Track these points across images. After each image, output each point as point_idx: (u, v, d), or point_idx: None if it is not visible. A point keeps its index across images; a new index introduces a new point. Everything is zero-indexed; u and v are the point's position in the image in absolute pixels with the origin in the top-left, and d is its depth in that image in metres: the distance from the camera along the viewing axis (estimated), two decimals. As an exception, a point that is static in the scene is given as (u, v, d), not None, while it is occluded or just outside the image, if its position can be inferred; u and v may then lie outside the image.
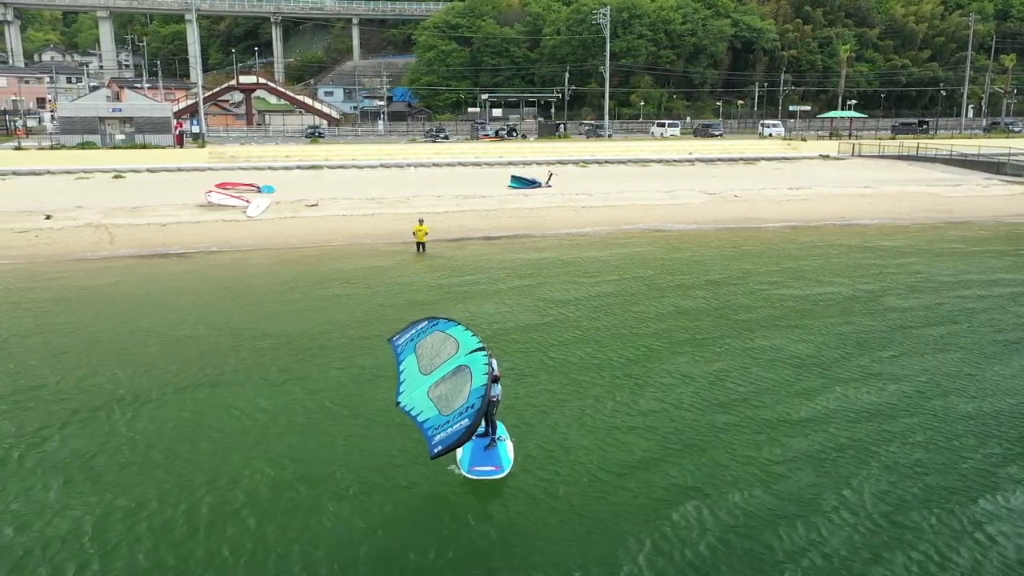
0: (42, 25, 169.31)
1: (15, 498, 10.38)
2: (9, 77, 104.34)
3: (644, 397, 13.99)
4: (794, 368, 15.52)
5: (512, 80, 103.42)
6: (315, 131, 78.77)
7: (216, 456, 11.59)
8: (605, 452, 11.81)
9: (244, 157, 56.80)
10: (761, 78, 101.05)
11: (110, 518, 9.91)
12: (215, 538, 9.54)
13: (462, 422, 9.58)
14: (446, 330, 11.13)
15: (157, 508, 10.13)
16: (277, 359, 15.88)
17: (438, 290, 22.14)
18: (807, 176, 49.12)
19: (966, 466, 11.45)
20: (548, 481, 10.91)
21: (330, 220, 32.65)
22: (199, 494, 10.47)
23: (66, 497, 10.41)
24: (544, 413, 13.18)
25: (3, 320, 18.94)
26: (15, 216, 31.59)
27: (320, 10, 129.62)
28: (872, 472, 11.26)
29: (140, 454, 11.64)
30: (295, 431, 12.49)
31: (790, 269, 25.26)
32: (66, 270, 24.71)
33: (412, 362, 11.09)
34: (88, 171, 46.60)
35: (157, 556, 9.17)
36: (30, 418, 12.88)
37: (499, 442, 11.22)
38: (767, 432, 12.50)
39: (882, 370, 15.47)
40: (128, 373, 15.04)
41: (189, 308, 20.09)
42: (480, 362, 10.21)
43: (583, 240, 30.60)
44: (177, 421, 12.82)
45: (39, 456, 11.56)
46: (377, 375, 14.62)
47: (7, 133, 70.53)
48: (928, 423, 12.94)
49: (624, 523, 9.94)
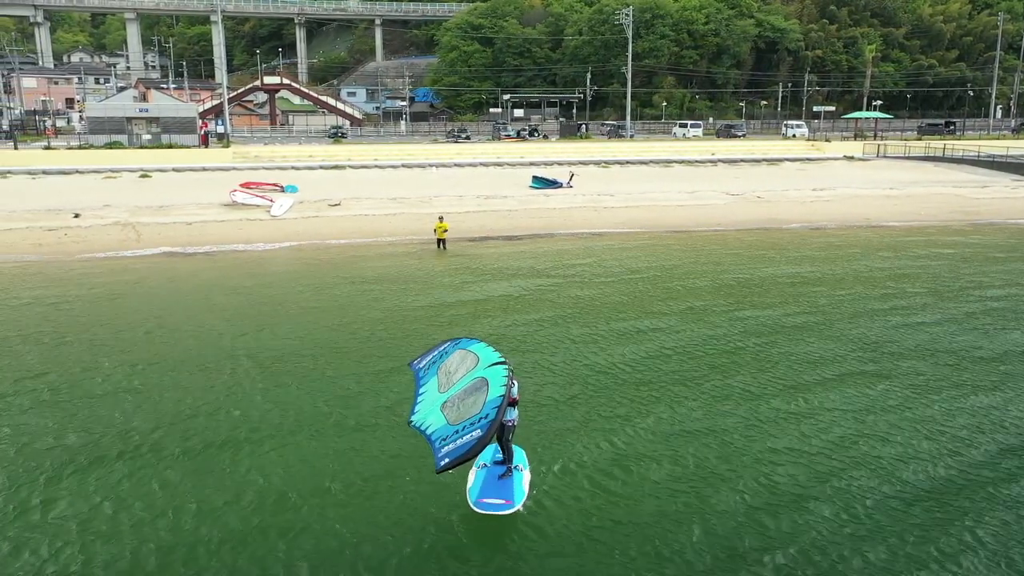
0: (71, 27, 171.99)
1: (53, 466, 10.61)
2: (39, 78, 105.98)
3: (672, 411, 13.24)
4: (844, 389, 14.37)
5: (534, 81, 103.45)
6: (338, 131, 79.28)
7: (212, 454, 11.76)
8: (627, 479, 11.03)
9: (268, 157, 57.31)
10: (785, 78, 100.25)
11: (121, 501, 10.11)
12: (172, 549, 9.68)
13: (473, 433, 8.66)
14: (468, 347, 10.45)
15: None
16: (293, 357, 16.05)
17: (458, 288, 22.23)
18: (831, 177, 48.71)
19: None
20: (564, 516, 10.09)
21: (353, 219, 32.89)
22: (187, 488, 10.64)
23: (94, 487, 10.63)
24: (561, 433, 12.40)
25: (35, 314, 19.28)
26: (45, 214, 32.14)
27: (343, 11, 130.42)
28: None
29: (154, 438, 11.85)
30: (293, 434, 12.57)
31: (813, 273, 25.08)
32: (95, 267, 25.10)
33: (433, 384, 10.32)
34: (115, 170, 47.27)
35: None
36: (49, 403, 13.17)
37: (516, 472, 10.39)
38: (810, 465, 11.43)
39: (896, 374, 15.33)
40: (146, 365, 15.28)
41: (213, 305, 20.37)
42: (499, 374, 9.43)
43: (604, 241, 30.58)
44: (196, 411, 13.01)
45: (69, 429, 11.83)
46: (389, 380, 14.68)
47: (36, 133, 71.67)
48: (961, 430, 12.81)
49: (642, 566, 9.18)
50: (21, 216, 31.70)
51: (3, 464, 11.29)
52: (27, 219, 31.17)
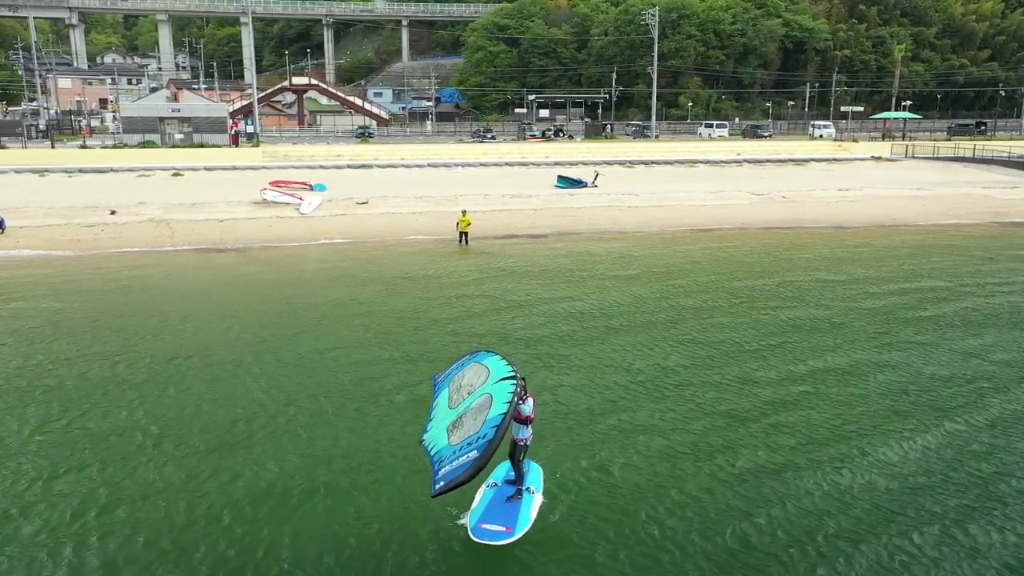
0: (104, 28, 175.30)
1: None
2: (74, 79, 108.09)
3: (699, 417, 12.89)
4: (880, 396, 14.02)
5: (559, 81, 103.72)
6: (365, 131, 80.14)
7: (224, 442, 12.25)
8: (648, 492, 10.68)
9: (296, 156, 58.19)
10: (812, 78, 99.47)
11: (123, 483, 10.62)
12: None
13: (470, 454, 8.14)
14: (482, 360, 9.85)
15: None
16: (314, 348, 16.54)
17: (481, 284, 22.61)
18: (858, 177, 48.49)
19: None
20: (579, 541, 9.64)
21: (380, 217, 33.45)
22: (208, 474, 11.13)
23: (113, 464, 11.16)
24: (579, 444, 12.07)
25: (78, 306, 19.97)
26: (82, 211, 33.06)
27: (371, 12, 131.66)
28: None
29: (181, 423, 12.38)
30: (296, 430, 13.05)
31: (836, 273, 25.13)
32: (132, 262, 25.82)
33: (444, 397, 9.87)
34: (149, 169, 48.33)
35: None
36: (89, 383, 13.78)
37: (526, 494, 9.88)
38: (846, 481, 10.99)
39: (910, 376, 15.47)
40: (177, 354, 15.85)
41: (244, 299, 20.99)
42: (505, 390, 8.80)
43: (627, 239, 30.80)
44: (223, 396, 13.54)
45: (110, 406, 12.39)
46: (411, 374, 15.11)
47: (72, 132, 73.29)
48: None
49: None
50: (60, 213, 32.64)
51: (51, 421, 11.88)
52: (65, 216, 32.10)
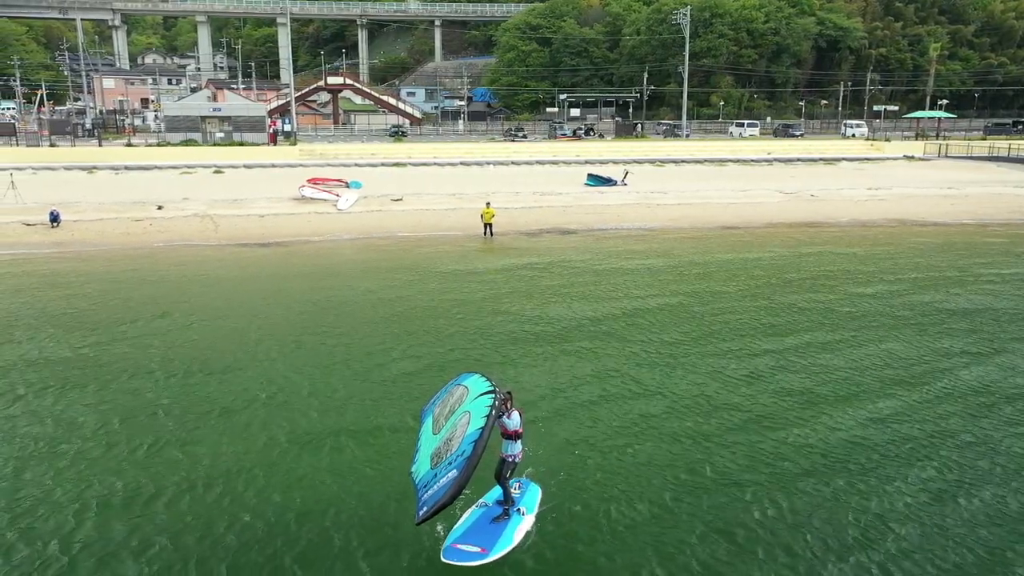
0: (144, 29, 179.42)
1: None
2: (117, 79, 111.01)
3: (724, 432, 12.50)
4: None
5: (591, 80, 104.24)
6: (398, 130, 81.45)
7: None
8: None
9: (332, 154, 59.57)
10: (846, 77, 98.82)
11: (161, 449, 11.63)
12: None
13: (450, 474, 7.94)
14: (463, 382, 9.62)
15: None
16: (351, 334, 17.54)
17: (509, 277, 23.49)
18: (889, 177, 48.52)
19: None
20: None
21: (414, 214, 34.46)
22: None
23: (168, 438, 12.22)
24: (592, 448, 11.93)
25: (141, 294, 21.23)
26: (131, 207, 34.53)
27: (404, 12, 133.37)
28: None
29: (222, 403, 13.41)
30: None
31: (859, 270, 25.58)
32: (182, 254, 27.13)
33: (428, 425, 9.63)
34: (191, 166, 49.96)
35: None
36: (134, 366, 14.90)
37: (515, 515, 9.48)
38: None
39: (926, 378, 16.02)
40: (227, 338, 16.96)
41: (286, 289, 22.09)
42: (482, 405, 8.57)
43: (654, 236, 31.45)
44: (270, 384, 14.56)
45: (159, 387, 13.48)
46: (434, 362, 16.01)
47: (116, 131, 75.54)
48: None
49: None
50: (110, 208, 34.14)
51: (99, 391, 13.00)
52: (116, 210, 33.58)
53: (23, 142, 60.01)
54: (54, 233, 29.63)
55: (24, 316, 19.09)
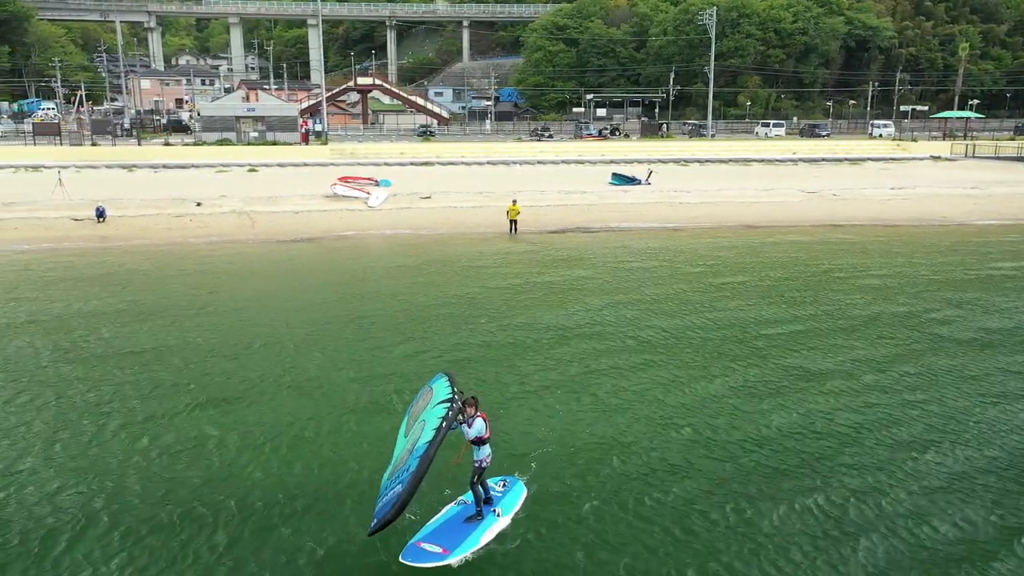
0: (177, 31, 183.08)
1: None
2: (152, 80, 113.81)
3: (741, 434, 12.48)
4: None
5: (617, 80, 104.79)
6: (426, 130, 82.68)
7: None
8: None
9: (362, 154, 60.86)
10: (875, 77, 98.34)
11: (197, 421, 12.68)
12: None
13: (395, 488, 7.97)
14: (432, 384, 9.65)
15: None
16: (382, 322, 18.57)
17: (534, 272, 24.41)
18: (913, 177, 48.67)
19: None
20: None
21: (442, 211, 35.49)
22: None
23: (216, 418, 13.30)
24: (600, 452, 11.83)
25: (188, 283, 22.49)
26: (171, 203, 35.94)
27: (432, 13, 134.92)
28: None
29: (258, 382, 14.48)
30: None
31: (876, 267, 26.13)
32: (224, 249, 28.40)
33: (403, 428, 9.73)
34: (226, 165, 51.45)
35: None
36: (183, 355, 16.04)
37: (489, 515, 9.43)
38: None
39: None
40: (269, 325, 18.08)
41: (320, 282, 23.28)
42: (435, 415, 8.51)
43: (675, 234, 32.16)
44: (300, 369, 15.62)
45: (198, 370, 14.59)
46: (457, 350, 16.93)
47: (153, 131, 77.64)
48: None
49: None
50: (151, 204, 35.58)
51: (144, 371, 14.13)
52: (157, 207, 35.01)
53: (66, 141, 62.03)
54: (100, 228, 31.08)
55: (78, 305, 20.39)
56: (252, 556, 9.21)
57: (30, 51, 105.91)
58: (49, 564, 9.09)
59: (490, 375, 15.06)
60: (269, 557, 9.18)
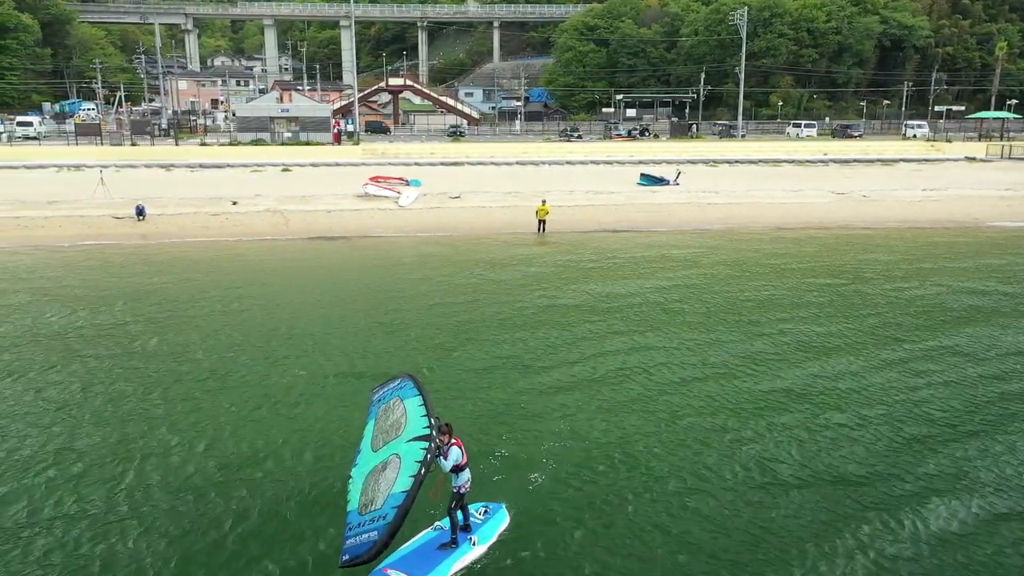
0: (213, 32, 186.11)
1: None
2: (189, 80, 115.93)
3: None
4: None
5: (648, 80, 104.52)
6: (456, 130, 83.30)
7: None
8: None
9: (393, 154, 61.69)
10: (911, 77, 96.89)
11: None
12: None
13: (370, 534, 7.76)
14: (406, 400, 9.19)
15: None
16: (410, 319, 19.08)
17: (562, 269, 24.80)
18: (946, 178, 48.16)
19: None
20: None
21: (471, 211, 36.00)
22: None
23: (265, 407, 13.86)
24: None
25: (232, 280, 23.25)
26: (207, 202, 36.89)
27: (463, 14, 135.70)
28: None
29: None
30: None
31: (898, 269, 26.10)
32: (260, 247, 29.25)
33: (371, 429, 9.36)
34: (260, 165, 52.49)
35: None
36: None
37: (464, 543, 9.16)
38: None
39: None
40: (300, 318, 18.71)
41: (350, 279, 23.94)
42: (413, 456, 8.13)
43: (702, 235, 32.33)
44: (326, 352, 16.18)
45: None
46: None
47: (189, 131, 79.23)
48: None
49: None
50: (189, 203, 36.56)
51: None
52: (194, 206, 35.97)
53: (107, 141, 63.67)
54: (140, 226, 32.06)
55: (119, 300, 21.19)
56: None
57: (71, 53, 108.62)
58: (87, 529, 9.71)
59: (512, 382, 15.00)
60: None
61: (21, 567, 9.19)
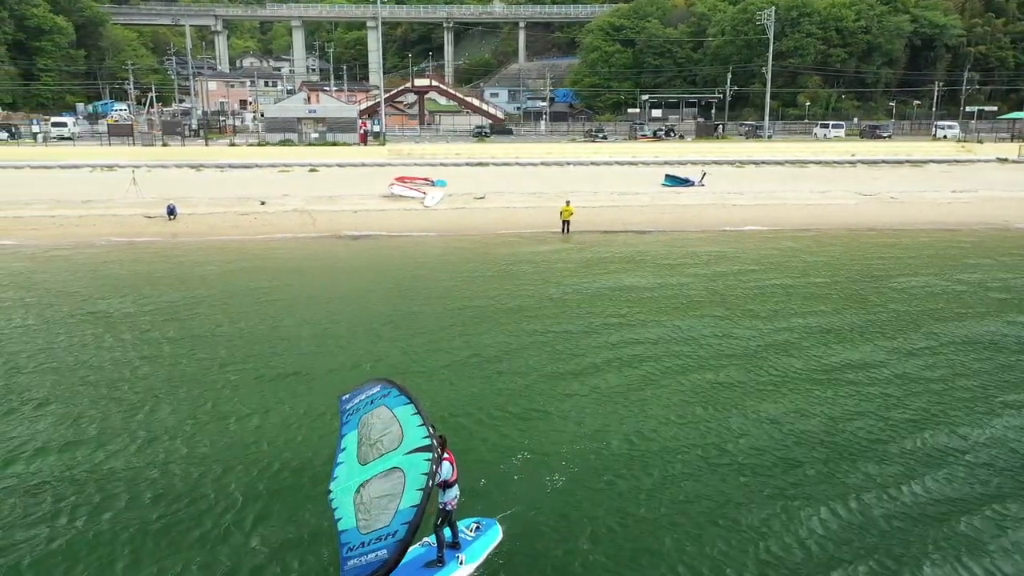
0: (242, 34, 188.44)
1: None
2: (219, 81, 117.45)
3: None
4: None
5: (674, 81, 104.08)
6: (482, 131, 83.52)
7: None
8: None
9: (419, 154, 62.04)
10: (942, 77, 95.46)
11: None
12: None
13: (379, 552, 7.43)
14: (394, 408, 8.71)
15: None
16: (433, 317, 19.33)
17: (583, 270, 24.93)
18: (976, 179, 47.53)
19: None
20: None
21: (496, 211, 36.25)
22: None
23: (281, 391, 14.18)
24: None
25: (262, 277, 23.71)
26: (237, 202, 37.51)
27: (489, 15, 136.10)
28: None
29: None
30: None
31: (920, 272, 25.90)
32: (287, 245, 29.74)
33: (352, 440, 8.84)
34: (288, 165, 53.09)
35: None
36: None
37: (452, 562, 8.84)
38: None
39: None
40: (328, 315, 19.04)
41: (377, 278, 24.30)
42: (418, 469, 7.79)
43: (726, 236, 32.28)
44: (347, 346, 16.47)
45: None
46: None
47: (219, 131, 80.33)
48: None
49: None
50: (219, 202, 37.21)
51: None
52: (224, 205, 36.60)
53: (139, 141, 64.80)
54: (171, 225, 32.70)
55: (149, 292, 21.70)
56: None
57: (104, 54, 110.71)
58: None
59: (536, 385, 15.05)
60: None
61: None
